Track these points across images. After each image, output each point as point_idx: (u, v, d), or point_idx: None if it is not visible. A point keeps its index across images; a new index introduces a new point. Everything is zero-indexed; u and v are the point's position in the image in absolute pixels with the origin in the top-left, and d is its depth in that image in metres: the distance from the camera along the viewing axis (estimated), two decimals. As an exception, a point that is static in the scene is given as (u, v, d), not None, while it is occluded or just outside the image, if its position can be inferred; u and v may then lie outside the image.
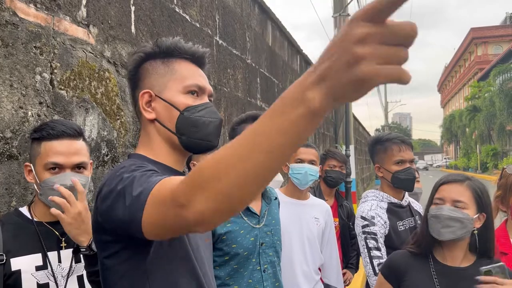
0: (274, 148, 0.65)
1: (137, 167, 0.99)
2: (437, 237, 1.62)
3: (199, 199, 0.72)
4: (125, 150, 2.48)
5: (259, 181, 0.69)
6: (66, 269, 1.49)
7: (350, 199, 8.82)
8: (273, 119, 0.64)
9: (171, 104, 1.14)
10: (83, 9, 2.15)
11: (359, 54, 0.53)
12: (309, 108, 0.60)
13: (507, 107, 29.97)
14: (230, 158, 0.69)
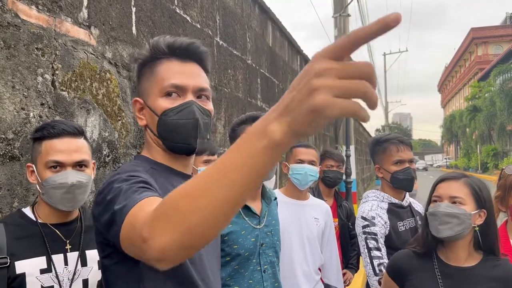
0: (235, 182, 0.65)
1: (129, 176, 0.98)
2: (435, 234, 1.62)
3: (161, 234, 0.71)
4: (126, 151, 2.49)
5: (220, 216, 0.68)
6: (71, 272, 1.49)
7: (350, 199, 8.82)
8: (235, 153, 0.65)
9: (152, 109, 1.13)
10: (84, 11, 2.16)
11: (315, 85, 0.55)
12: (270, 140, 0.61)
13: (508, 107, 29.94)
14: (193, 192, 0.69)
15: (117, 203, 0.90)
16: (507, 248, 1.89)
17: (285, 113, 0.60)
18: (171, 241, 0.70)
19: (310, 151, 2.58)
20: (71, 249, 1.52)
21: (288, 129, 0.60)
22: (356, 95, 0.56)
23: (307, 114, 0.57)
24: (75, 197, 1.49)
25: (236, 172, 0.64)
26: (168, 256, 0.72)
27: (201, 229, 0.68)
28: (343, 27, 11.02)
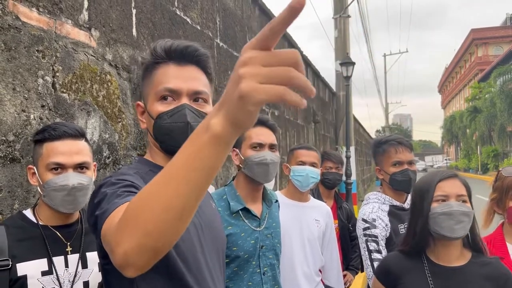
0: (183, 178, 0.67)
1: (117, 180, 0.99)
2: (450, 234, 1.56)
3: (122, 240, 0.72)
4: (126, 152, 2.49)
5: (173, 213, 0.69)
6: (72, 274, 1.49)
7: (350, 201, 8.83)
8: (182, 151, 0.68)
9: (149, 113, 1.16)
10: (85, 13, 2.17)
11: (240, 73, 0.58)
12: (212, 133, 0.63)
13: (508, 108, 29.92)
14: (146, 193, 0.71)
15: (99, 208, 0.92)
16: (503, 251, 1.88)
17: (221, 106, 0.63)
18: (132, 245, 0.71)
19: (311, 153, 2.58)
20: (71, 251, 1.52)
21: (225, 120, 0.62)
22: (282, 80, 0.57)
23: (237, 102, 0.59)
24: (76, 199, 1.49)
25: (183, 168, 0.67)
26: (132, 262, 0.73)
27: (157, 229, 0.69)
28: (343, 28, 11.03)
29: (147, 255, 0.72)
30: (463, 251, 1.64)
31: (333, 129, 11.72)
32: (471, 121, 40.27)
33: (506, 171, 1.97)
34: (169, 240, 0.72)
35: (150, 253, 0.72)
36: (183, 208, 0.69)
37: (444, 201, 1.60)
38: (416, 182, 1.76)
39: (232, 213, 1.86)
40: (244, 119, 0.61)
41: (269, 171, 1.89)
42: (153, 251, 0.72)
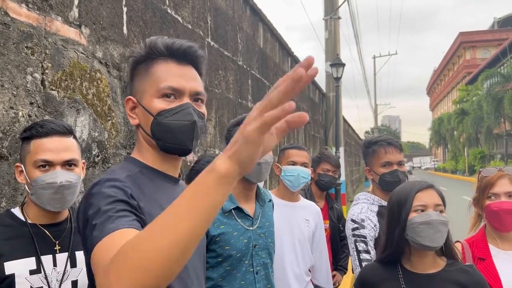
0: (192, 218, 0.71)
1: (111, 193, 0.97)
2: (430, 244, 1.58)
3: (121, 280, 0.72)
4: (116, 151, 2.47)
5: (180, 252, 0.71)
6: (60, 273, 1.48)
7: (339, 201, 8.87)
8: (189, 190, 0.73)
9: (146, 109, 1.13)
10: (75, 10, 2.15)
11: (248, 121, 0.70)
12: (216, 173, 0.71)
13: (494, 111, 30.30)
14: (151, 234, 0.73)
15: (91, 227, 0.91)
16: (484, 253, 1.89)
17: (228, 149, 0.72)
18: (133, 285, 0.71)
19: (302, 153, 2.59)
20: (60, 250, 1.50)
21: (230, 161, 0.71)
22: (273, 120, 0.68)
23: (241, 141, 0.70)
24: (64, 198, 1.47)
25: (189, 207, 0.72)
26: None
27: (161, 267, 0.71)
28: (334, 30, 11.08)
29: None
30: (437, 258, 1.66)
31: (323, 130, 11.77)
32: (459, 123, 40.73)
33: (485, 171, 2.00)
34: (171, 275, 0.73)
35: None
36: (189, 241, 0.72)
37: (423, 211, 1.63)
38: (393, 192, 1.76)
39: (225, 212, 1.86)
40: (248, 158, 0.71)
41: (261, 170, 1.89)
42: (154, 287, 0.72)
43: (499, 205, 1.85)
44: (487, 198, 1.90)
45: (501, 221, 1.86)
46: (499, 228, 1.89)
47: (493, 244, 1.91)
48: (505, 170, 1.94)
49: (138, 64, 1.17)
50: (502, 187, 1.88)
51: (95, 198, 0.96)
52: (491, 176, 1.92)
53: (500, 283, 1.78)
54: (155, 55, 1.14)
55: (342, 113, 11.84)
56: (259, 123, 0.68)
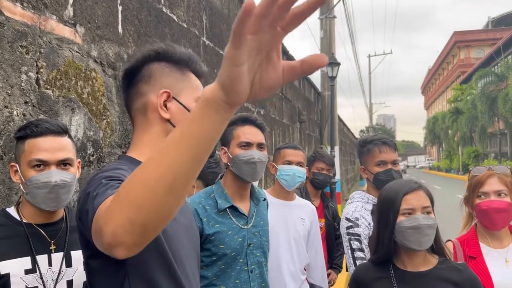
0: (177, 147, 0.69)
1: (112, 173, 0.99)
2: (418, 248, 1.61)
3: (112, 217, 0.72)
4: (111, 150, 2.47)
5: (167, 185, 0.70)
6: (56, 273, 1.48)
7: (334, 200, 8.90)
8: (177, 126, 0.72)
9: (188, 109, 1.15)
10: (69, 8, 2.14)
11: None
12: (203, 98, 0.68)
13: (488, 110, 30.48)
14: (139, 170, 0.73)
15: (91, 199, 0.91)
16: (476, 251, 1.91)
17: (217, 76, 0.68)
18: (121, 221, 0.71)
19: (298, 153, 2.60)
20: (55, 250, 1.50)
21: (215, 85, 0.66)
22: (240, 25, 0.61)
23: (223, 64, 0.64)
24: (59, 197, 1.47)
25: (176, 137, 0.70)
26: (121, 240, 0.72)
27: (147, 202, 0.70)
28: (329, 29, 11.10)
29: (136, 232, 0.72)
30: (428, 256, 1.68)
31: (318, 128, 11.79)
32: (453, 122, 40.94)
33: (475, 170, 2.02)
34: (159, 215, 0.72)
35: (139, 230, 0.72)
36: (174, 178, 0.69)
37: (410, 214, 1.64)
38: (381, 193, 1.77)
39: (220, 211, 1.87)
40: (227, 78, 0.63)
41: (256, 170, 1.90)
42: (142, 226, 0.72)
43: (489, 204, 1.87)
44: (477, 197, 1.92)
45: (491, 219, 1.88)
46: (489, 227, 1.91)
47: (484, 242, 1.93)
48: (495, 169, 1.96)
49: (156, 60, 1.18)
50: (492, 186, 1.90)
51: (96, 179, 0.97)
52: (481, 175, 1.94)
53: (491, 281, 1.80)
54: (187, 65, 1.20)
55: (337, 112, 11.86)
56: (231, 36, 0.61)
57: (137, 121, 1.19)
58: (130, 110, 1.21)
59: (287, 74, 0.67)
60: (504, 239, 1.93)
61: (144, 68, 1.18)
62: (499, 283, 1.80)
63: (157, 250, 1.04)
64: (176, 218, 1.12)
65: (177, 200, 0.72)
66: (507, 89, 26.32)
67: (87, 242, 1.01)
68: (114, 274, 1.02)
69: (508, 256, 1.87)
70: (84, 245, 1.06)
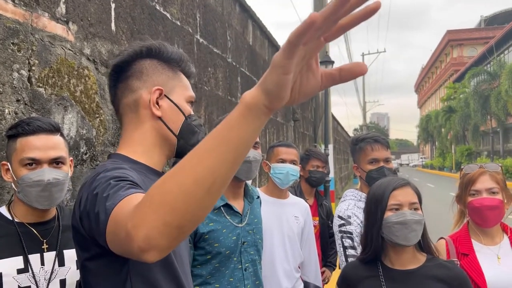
0: (217, 150, 0.69)
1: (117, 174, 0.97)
2: (404, 243, 1.62)
3: (144, 221, 0.71)
4: (104, 148, 2.45)
5: (205, 187, 0.70)
6: (48, 272, 1.47)
7: (328, 198, 8.92)
8: (215, 128, 0.71)
9: (179, 107, 1.15)
10: (62, 6, 2.12)
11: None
12: (243, 103, 0.68)
13: (481, 109, 30.70)
14: (174, 171, 0.72)
15: (102, 201, 0.89)
16: (468, 248, 1.93)
17: (259, 83, 0.68)
18: (156, 224, 0.70)
19: (291, 151, 2.60)
20: (48, 249, 1.49)
21: (257, 90, 0.67)
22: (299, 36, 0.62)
23: (269, 70, 0.65)
24: (52, 195, 1.46)
25: (215, 139, 0.70)
26: (155, 243, 0.71)
27: (185, 204, 0.69)
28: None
29: (172, 234, 0.71)
30: (416, 254, 1.69)
31: (312, 127, 11.81)
32: (446, 121, 41.18)
33: (467, 168, 2.03)
34: (195, 217, 0.71)
35: (175, 232, 0.71)
36: (214, 181, 0.69)
37: (397, 209, 1.66)
38: (370, 191, 1.78)
39: (214, 209, 1.86)
40: (274, 86, 0.65)
41: (251, 168, 1.90)
42: (178, 228, 0.71)
43: (481, 201, 1.88)
44: (470, 195, 1.93)
45: (483, 217, 1.89)
46: (482, 224, 1.92)
47: (476, 239, 1.94)
48: (486, 167, 1.97)
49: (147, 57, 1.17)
50: (483, 183, 1.91)
51: (102, 179, 0.95)
52: (473, 173, 1.95)
53: (484, 278, 1.81)
54: (178, 64, 1.21)
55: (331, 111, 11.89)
56: (284, 45, 0.62)
57: (127, 118, 1.17)
58: (119, 106, 1.18)
59: (325, 80, 0.70)
60: (495, 236, 1.94)
61: (135, 64, 1.16)
62: (491, 279, 1.81)
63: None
64: None
65: (212, 202, 0.72)
66: (499, 88, 26.50)
67: (87, 243, 1.00)
68: (116, 275, 1.00)
69: (499, 253, 1.89)
70: (82, 246, 1.03)
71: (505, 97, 24.60)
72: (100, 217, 0.87)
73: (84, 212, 0.95)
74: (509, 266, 1.85)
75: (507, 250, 1.90)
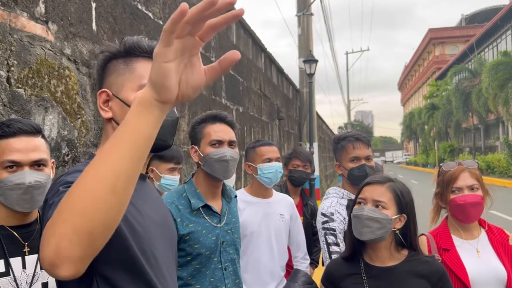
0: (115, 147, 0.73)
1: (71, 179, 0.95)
2: (358, 236, 1.67)
3: (55, 230, 0.70)
4: (86, 149, 2.43)
5: (108, 185, 0.71)
6: (30, 275, 1.45)
7: (314, 196, 8.97)
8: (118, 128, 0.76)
9: (125, 103, 1.11)
10: (41, 5, 2.10)
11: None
12: (137, 99, 0.75)
13: (463, 106, 31.15)
14: (80, 177, 0.73)
15: (47, 209, 0.89)
16: (449, 243, 1.96)
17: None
18: (65, 232, 0.69)
19: (274, 149, 2.61)
20: (29, 252, 1.47)
21: (146, 86, 0.75)
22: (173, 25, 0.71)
23: (152, 64, 0.73)
24: (33, 198, 1.44)
25: (113, 138, 0.74)
26: (66, 254, 0.69)
27: (90, 206, 0.70)
28: (307, 26, 11.16)
29: (84, 242, 0.70)
30: (393, 252, 1.71)
31: (297, 125, 11.85)
32: (429, 118, 41.70)
33: (446, 166, 2.06)
34: (105, 220, 0.71)
35: (86, 239, 0.70)
36: (117, 178, 0.71)
37: (360, 204, 1.71)
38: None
39: (193, 210, 1.85)
40: (156, 75, 0.73)
41: (228, 167, 1.90)
42: (89, 234, 0.70)
43: (464, 198, 1.92)
44: (451, 192, 1.96)
45: (466, 213, 1.93)
46: (464, 220, 1.96)
47: (456, 235, 1.98)
48: (464, 164, 2.01)
49: (114, 59, 1.16)
50: (465, 181, 1.95)
51: (56, 186, 0.95)
52: (453, 171, 1.98)
53: (466, 271, 1.85)
54: (137, 53, 1.15)
55: (315, 109, 11.96)
56: (161, 35, 0.71)
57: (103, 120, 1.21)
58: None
59: (209, 74, 0.78)
60: (474, 231, 1.98)
61: (101, 73, 1.18)
62: (473, 272, 1.85)
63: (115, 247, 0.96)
64: (149, 216, 1.10)
65: (121, 202, 0.73)
66: (480, 85, 26.95)
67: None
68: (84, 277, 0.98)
69: (478, 247, 1.93)
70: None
71: (486, 94, 25.01)
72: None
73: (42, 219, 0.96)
74: (487, 259, 1.89)
75: (485, 244, 1.95)
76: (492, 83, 23.60)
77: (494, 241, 1.95)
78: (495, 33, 32.67)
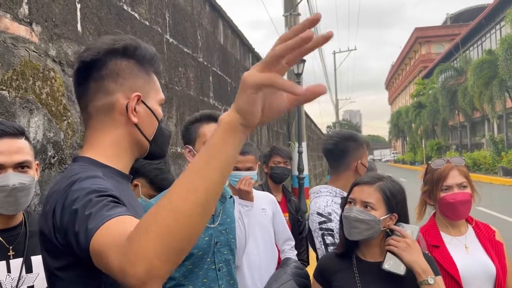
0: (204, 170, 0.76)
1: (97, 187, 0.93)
2: (348, 236, 1.69)
3: (146, 252, 0.72)
4: (73, 151, 2.41)
5: (200, 207, 0.74)
6: (15, 280, 1.43)
7: (303, 195, 8.98)
8: (201, 152, 0.78)
9: (154, 113, 1.14)
10: (24, 6, 2.07)
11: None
12: (221, 123, 0.77)
13: (449, 104, 31.49)
14: (169, 199, 0.75)
15: (83, 219, 0.86)
16: (438, 240, 1.98)
17: (232, 106, 0.77)
18: (156, 255, 0.72)
19: (246, 158, 2.43)
20: (14, 256, 1.45)
21: (231, 111, 0.77)
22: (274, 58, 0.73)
23: (239, 91, 0.75)
24: (17, 200, 1.42)
25: (201, 161, 0.77)
26: (158, 273, 0.73)
27: (182, 226, 0.73)
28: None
29: (174, 260, 0.74)
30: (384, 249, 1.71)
31: (285, 125, 11.87)
32: (416, 116, 42.09)
33: (435, 163, 2.06)
34: (193, 238, 0.75)
35: (175, 257, 0.74)
36: (206, 201, 0.75)
37: (351, 203, 1.72)
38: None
39: None
40: (244, 103, 0.75)
41: None
42: (180, 252, 0.74)
43: (454, 196, 1.93)
44: (441, 190, 1.97)
45: (456, 211, 1.95)
46: (453, 218, 1.98)
47: (444, 231, 2.00)
48: (453, 161, 2.02)
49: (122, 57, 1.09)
50: (454, 179, 1.96)
51: (81, 192, 0.90)
52: (443, 169, 1.99)
53: (456, 267, 1.87)
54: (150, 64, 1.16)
55: (304, 109, 11.98)
56: (258, 65, 0.73)
57: (97, 120, 1.10)
58: (88, 106, 1.10)
59: (291, 100, 0.79)
60: (461, 227, 2.01)
61: (110, 63, 1.08)
62: (462, 267, 1.87)
63: None
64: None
65: (207, 218, 0.77)
66: (466, 83, 27.26)
67: (59, 253, 0.96)
68: (89, 284, 0.97)
69: (467, 243, 1.95)
70: (53, 255, 0.98)
71: (471, 92, 25.31)
72: (80, 238, 0.85)
73: (61, 228, 0.91)
74: (476, 254, 1.92)
75: (473, 240, 1.97)
76: (477, 81, 23.91)
77: (481, 236, 1.98)
78: (480, 31, 33.10)
